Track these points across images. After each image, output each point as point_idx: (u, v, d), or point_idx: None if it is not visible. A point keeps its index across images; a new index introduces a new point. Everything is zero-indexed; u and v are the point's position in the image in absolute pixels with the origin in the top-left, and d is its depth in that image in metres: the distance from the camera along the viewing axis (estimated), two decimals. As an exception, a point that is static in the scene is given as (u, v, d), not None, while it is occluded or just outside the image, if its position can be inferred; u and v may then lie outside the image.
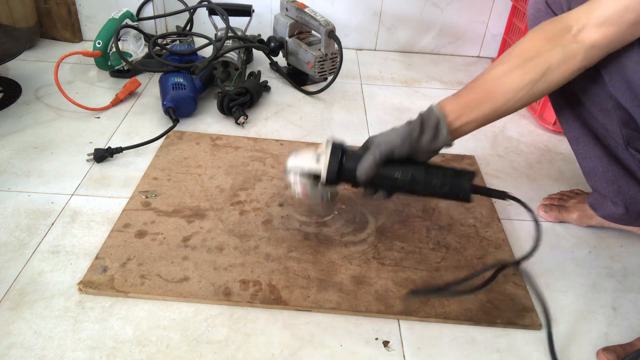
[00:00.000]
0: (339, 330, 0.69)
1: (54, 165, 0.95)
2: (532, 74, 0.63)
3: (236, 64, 1.24)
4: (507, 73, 0.65)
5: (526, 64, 0.64)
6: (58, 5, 1.40)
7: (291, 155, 0.73)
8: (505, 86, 0.65)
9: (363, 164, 0.67)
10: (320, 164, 0.70)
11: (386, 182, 0.69)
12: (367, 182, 0.69)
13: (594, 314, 0.74)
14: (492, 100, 0.65)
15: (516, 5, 1.44)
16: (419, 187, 0.69)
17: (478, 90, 0.67)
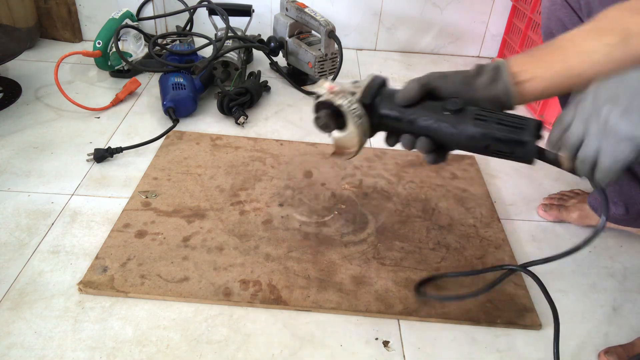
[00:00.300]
0: (339, 330, 0.69)
1: (54, 165, 0.95)
2: (609, 37, 0.56)
3: (236, 64, 1.24)
4: (580, 34, 0.58)
5: (603, 27, 0.57)
6: (58, 5, 1.40)
7: None
8: (578, 47, 0.56)
9: (406, 86, 0.59)
10: (359, 84, 0.63)
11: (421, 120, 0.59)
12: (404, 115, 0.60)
13: (594, 314, 0.74)
14: (563, 58, 0.57)
15: (516, 5, 1.44)
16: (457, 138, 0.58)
17: (549, 49, 0.58)
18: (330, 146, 0.65)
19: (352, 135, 0.62)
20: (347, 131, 0.62)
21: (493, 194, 0.96)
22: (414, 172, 0.99)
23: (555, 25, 0.75)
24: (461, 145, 0.59)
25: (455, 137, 0.58)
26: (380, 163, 1.01)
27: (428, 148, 0.59)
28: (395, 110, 0.61)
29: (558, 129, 0.51)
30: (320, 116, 0.62)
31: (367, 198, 0.91)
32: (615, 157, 0.46)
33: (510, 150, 0.56)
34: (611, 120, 0.44)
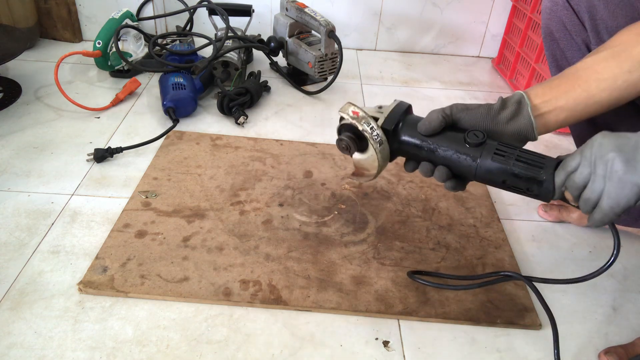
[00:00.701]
0: (339, 330, 0.69)
1: (54, 165, 0.95)
2: (628, 63, 0.57)
3: (236, 64, 1.24)
4: (599, 62, 0.58)
5: (621, 53, 0.58)
6: (58, 5, 1.40)
7: None
8: (598, 74, 0.58)
9: (429, 116, 0.60)
10: (383, 110, 0.65)
11: (441, 151, 0.60)
12: (424, 144, 0.61)
13: (594, 314, 0.74)
14: (583, 88, 0.58)
15: (516, 5, 1.44)
16: (475, 171, 0.59)
17: (567, 78, 0.60)
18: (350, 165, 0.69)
19: (372, 160, 0.64)
20: (367, 155, 0.64)
21: (493, 194, 0.96)
22: (414, 172, 0.99)
23: (555, 25, 0.75)
24: (478, 177, 0.60)
25: (473, 170, 0.59)
26: (380, 163, 1.01)
27: (445, 177, 0.61)
28: (417, 138, 0.62)
29: (563, 172, 0.53)
30: (343, 138, 0.64)
31: (367, 198, 0.91)
32: (617, 200, 0.48)
33: (527, 187, 0.57)
34: (616, 166, 0.47)
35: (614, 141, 0.49)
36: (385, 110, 0.64)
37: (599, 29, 0.69)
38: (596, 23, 0.69)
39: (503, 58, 1.52)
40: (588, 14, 0.70)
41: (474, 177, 0.60)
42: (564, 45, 0.76)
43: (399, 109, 0.64)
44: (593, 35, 0.70)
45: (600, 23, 0.69)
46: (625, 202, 0.48)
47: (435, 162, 0.62)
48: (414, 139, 0.62)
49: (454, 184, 0.61)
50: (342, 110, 0.63)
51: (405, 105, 0.65)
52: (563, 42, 0.76)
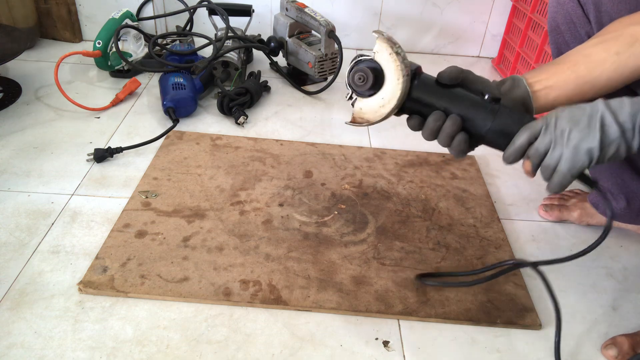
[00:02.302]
0: (339, 330, 0.69)
1: (54, 165, 0.95)
2: (616, 46, 0.60)
3: (236, 64, 1.24)
4: (588, 47, 0.62)
5: (610, 40, 0.61)
6: (58, 5, 1.40)
7: None
8: (587, 57, 0.61)
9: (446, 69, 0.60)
10: None
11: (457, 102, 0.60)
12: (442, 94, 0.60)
13: (594, 314, 0.74)
14: (572, 70, 0.62)
15: (516, 5, 1.44)
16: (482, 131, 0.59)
17: (557, 63, 0.64)
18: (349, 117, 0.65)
19: (387, 103, 0.61)
20: (379, 97, 0.61)
21: (493, 194, 0.96)
22: (413, 172, 0.99)
23: (562, 18, 0.76)
24: (491, 132, 0.59)
25: (488, 124, 0.59)
26: (380, 163, 1.01)
27: (458, 127, 0.59)
28: (434, 93, 0.61)
29: (528, 132, 0.57)
30: (361, 68, 0.61)
31: (367, 198, 0.91)
32: (573, 163, 0.54)
33: None
34: (572, 135, 0.54)
35: (571, 113, 0.54)
36: None
37: (603, 22, 0.70)
38: (601, 15, 0.70)
39: (503, 58, 1.52)
40: (593, 5, 0.70)
41: (487, 130, 0.59)
42: (568, 38, 0.77)
43: (412, 65, 0.62)
44: (597, 27, 0.71)
45: (605, 15, 0.69)
46: (580, 165, 0.54)
47: (449, 112, 0.60)
48: (431, 94, 0.61)
49: (464, 138, 0.60)
50: (377, 32, 0.61)
51: (417, 65, 0.63)
52: (568, 34, 0.77)
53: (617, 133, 0.52)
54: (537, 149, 0.56)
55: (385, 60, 0.60)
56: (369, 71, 0.60)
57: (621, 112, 0.53)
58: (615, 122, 0.52)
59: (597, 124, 0.53)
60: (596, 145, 0.53)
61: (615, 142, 0.53)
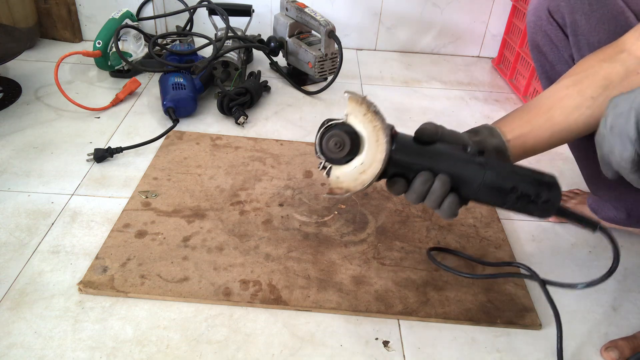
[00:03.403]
0: (339, 330, 0.69)
1: (54, 165, 0.95)
2: (591, 90, 0.58)
3: (236, 64, 1.24)
4: (561, 90, 0.60)
5: (584, 80, 0.59)
6: (58, 5, 1.40)
7: None
8: (561, 102, 0.59)
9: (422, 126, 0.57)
10: None
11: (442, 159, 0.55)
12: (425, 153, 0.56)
13: (594, 314, 0.74)
14: (547, 117, 0.59)
15: (516, 5, 1.44)
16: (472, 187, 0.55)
17: (530, 109, 0.61)
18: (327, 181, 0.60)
19: (368, 168, 0.55)
20: (358, 163, 0.56)
21: (493, 194, 0.96)
22: (414, 172, 0.99)
23: (542, 39, 0.75)
24: (484, 186, 0.55)
25: (480, 176, 0.55)
26: (380, 163, 1.01)
27: (448, 188, 0.55)
28: (414, 153, 0.57)
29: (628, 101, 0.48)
30: (336, 133, 0.55)
31: (367, 198, 0.91)
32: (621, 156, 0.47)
33: (536, 193, 0.55)
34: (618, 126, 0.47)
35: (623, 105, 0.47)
36: None
37: (580, 45, 0.69)
38: (578, 39, 0.69)
39: (503, 58, 1.52)
40: (570, 28, 0.69)
41: (478, 187, 0.56)
42: (552, 59, 0.76)
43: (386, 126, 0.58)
44: (575, 50, 0.70)
45: (582, 38, 0.68)
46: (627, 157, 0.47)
47: (436, 171, 0.56)
48: (411, 155, 0.57)
49: (455, 199, 0.56)
50: (350, 92, 0.55)
51: (391, 125, 0.59)
52: (551, 55, 0.76)
53: None
54: None
55: (361, 122, 0.55)
56: (346, 135, 0.55)
57: None
58: None
59: None
60: None
61: None
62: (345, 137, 0.55)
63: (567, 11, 0.68)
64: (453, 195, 0.55)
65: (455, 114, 1.26)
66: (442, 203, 0.56)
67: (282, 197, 0.90)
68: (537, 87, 1.28)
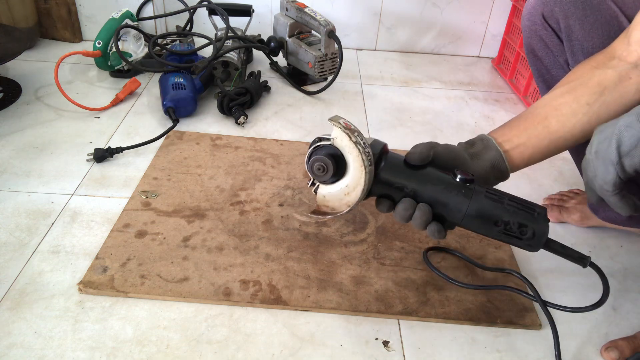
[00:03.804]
0: (339, 330, 0.69)
1: (54, 165, 0.95)
2: (586, 97, 0.58)
3: (236, 64, 1.24)
4: (557, 98, 0.60)
5: (578, 88, 0.59)
6: (58, 5, 1.40)
7: None
8: (557, 111, 0.59)
9: (414, 146, 0.58)
10: None
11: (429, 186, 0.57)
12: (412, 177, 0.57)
13: (594, 314, 0.74)
14: (544, 125, 0.59)
15: (516, 5, 1.44)
16: (465, 209, 0.56)
17: (526, 118, 0.61)
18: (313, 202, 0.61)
19: (352, 190, 0.57)
20: (343, 185, 0.57)
21: (493, 194, 0.96)
22: (414, 172, 0.99)
23: (537, 44, 0.75)
24: (467, 217, 0.56)
25: (464, 208, 0.56)
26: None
27: (428, 217, 0.57)
28: (402, 175, 0.58)
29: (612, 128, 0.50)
30: (320, 157, 0.57)
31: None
32: (604, 179, 0.49)
33: (520, 230, 0.55)
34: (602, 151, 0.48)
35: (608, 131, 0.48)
36: (365, 139, 0.59)
37: (574, 50, 0.69)
38: (572, 44, 0.69)
39: (503, 58, 1.52)
40: (565, 33, 0.70)
41: (462, 217, 0.57)
42: (547, 63, 0.76)
43: (377, 145, 0.59)
44: (570, 55, 0.70)
45: (576, 44, 0.68)
46: (610, 180, 0.48)
47: (420, 198, 0.57)
48: (399, 176, 0.58)
49: (437, 228, 0.58)
50: (333, 119, 0.57)
51: (383, 143, 0.60)
52: (546, 60, 0.76)
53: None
54: None
55: (346, 146, 0.56)
56: (328, 160, 0.56)
57: None
58: None
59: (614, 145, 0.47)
60: None
61: None
62: (329, 163, 0.57)
63: (561, 16, 0.69)
64: (435, 224, 0.58)
65: (455, 114, 1.26)
66: (426, 227, 0.58)
67: (282, 197, 0.90)
68: (537, 87, 1.28)
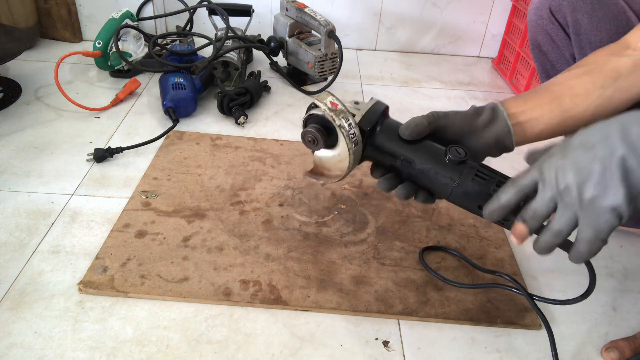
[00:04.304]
0: (339, 330, 0.69)
1: (54, 165, 0.95)
2: (602, 80, 0.58)
3: (236, 64, 1.24)
4: (573, 78, 0.60)
5: (594, 71, 0.59)
6: (58, 5, 1.40)
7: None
8: (572, 90, 0.59)
9: (412, 119, 0.57)
10: (360, 106, 0.59)
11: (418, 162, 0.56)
12: (402, 151, 0.57)
13: (594, 314, 0.74)
14: (558, 102, 0.58)
15: (516, 5, 1.44)
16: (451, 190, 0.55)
17: (541, 92, 0.60)
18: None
19: (342, 159, 0.58)
20: (336, 152, 0.58)
21: (493, 194, 0.96)
22: (414, 172, 0.99)
23: (543, 38, 0.75)
24: (452, 198, 0.56)
25: (448, 190, 0.56)
26: (380, 163, 1.01)
27: (409, 194, 0.58)
28: (395, 144, 0.57)
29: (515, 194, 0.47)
30: (310, 130, 0.58)
31: (367, 198, 0.91)
32: (598, 229, 0.42)
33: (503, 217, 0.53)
34: (586, 193, 0.42)
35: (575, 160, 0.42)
36: (362, 108, 0.59)
37: (582, 44, 0.69)
38: (580, 38, 0.69)
39: (503, 58, 1.52)
40: (572, 28, 0.70)
41: (448, 196, 0.57)
42: (553, 58, 0.76)
43: (376, 109, 0.59)
44: (577, 49, 0.71)
45: (584, 38, 0.69)
46: (608, 227, 0.42)
47: (408, 174, 0.58)
48: (391, 144, 0.57)
49: (423, 197, 0.59)
50: (319, 98, 0.57)
51: (383, 106, 0.60)
52: (552, 55, 0.76)
53: None
54: (535, 210, 0.46)
55: (332, 127, 0.56)
56: (318, 135, 0.57)
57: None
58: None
59: (618, 174, 0.40)
60: (621, 200, 0.40)
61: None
62: (318, 136, 0.57)
63: (569, 10, 0.69)
64: (423, 193, 0.58)
65: (455, 114, 1.26)
66: (408, 199, 0.59)
67: (282, 197, 0.90)
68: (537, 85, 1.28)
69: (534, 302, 0.69)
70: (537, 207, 0.46)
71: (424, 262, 0.77)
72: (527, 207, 0.47)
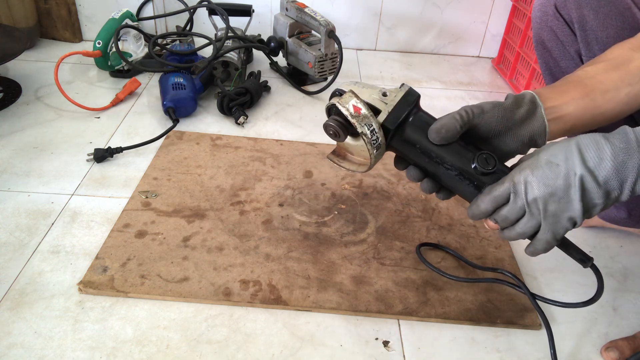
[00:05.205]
0: (339, 330, 0.69)
1: (54, 165, 0.95)
2: (629, 77, 0.57)
3: (236, 64, 1.24)
4: (601, 73, 0.58)
5: (620, 66, 0.58)
6: (58, 5, 1.40)
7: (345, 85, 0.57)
8: (603, 85, 0.57)
9: (443, 120, 0.55)
10: (387, 98, 0.56)
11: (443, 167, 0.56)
12: (429, 152, 0.56)
13: (594, 314, 0.74)
14: (591, 97, 0.57)
15: (516, 5, 1.44)
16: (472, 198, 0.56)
17: (575, 86, 0.58)
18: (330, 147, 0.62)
19: (362, 156, 0.57)
20: (359, 144, 0.57)
21: (493, 194, 0.96)
22: (414, 172, 0.99)
23: (547, 35, 0.75)
24: None
25: (470, 197, 0.56)
26: (380, 163, 1.01)
27: (434, 190, 0.60)
28: (422, 144, 0.56)
29: (491, 203, 0.53)
30: (331, 124, 0.56)
31: (367, 198, 0.91)
32: (555, 232, 0.52)
33: None
34: (549, 207, 0.50)
35: (542, 177, 0.49)
36: (390, 101, 0.56)
37: (588, 40, 0.69)
38: (586, 34, 0.69)
39: (503, 58, 1.52)
40: (578, 24, 0.69)
41: (465, 197, 0.58)
42: (557, 55, 0.76)
43: (406, 102, 0.56)
44: (583, 45, 0.70)
45: (591, 33, 0.68)
46: (563, 231, 0.52)
47: (433, 172, 0.57)
48: (418, 142, 0.56)
49: (444, 195, 0.60)
50: (343, 102, 0.55)
51: (415, 97, 0.56)
52: (556, 52, 0.76)
53: (601, 197, 0.48)
54: (506, 217, 0.53)
55: None
56: (340, 130, 0.56)
57: (601, 170, 0.47)
58: (597, 185, 0.47)
59: (577, 193, 0.48)
60: (578, 214, 0.49)
61: (599, 205, 0.49)
62: (340, 132, 0.56)
63: (575, 7, 0.69)
64: (444, 192, 0.60)
65: (455, 114, 1.26)
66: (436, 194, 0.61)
67: (282, 197, 0.90)
68: (537, 87, 1.28)
69: (534, 300, 0.69)
70: (507, 214, 0.53)
71: (421, 256, 0.77)
72: (500, 212, 0.54)
